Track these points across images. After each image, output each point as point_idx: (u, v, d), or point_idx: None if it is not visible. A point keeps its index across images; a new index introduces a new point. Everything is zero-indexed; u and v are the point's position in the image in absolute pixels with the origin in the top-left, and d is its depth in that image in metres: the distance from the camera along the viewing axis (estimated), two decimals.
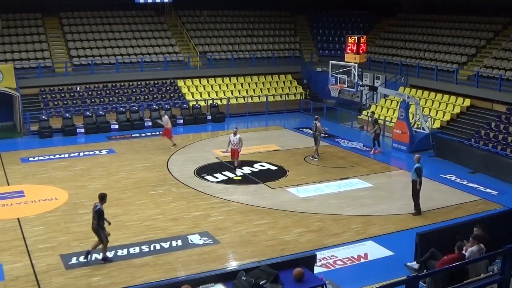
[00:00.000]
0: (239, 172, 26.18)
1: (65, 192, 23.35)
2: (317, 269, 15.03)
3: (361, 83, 34.48)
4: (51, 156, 29.25)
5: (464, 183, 25.03)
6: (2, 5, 41.08)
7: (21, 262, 17.09)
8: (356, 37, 31.30)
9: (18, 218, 20.68)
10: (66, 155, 29.37)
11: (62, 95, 38.43)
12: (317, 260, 15.47)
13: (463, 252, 13.63)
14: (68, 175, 25.87)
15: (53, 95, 38.27)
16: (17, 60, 39.20)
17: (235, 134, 26.25)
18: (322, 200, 22.69)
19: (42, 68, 38.98)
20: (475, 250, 13.57)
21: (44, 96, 38.12)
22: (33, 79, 38.13)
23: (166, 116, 30.93)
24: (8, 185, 24.90)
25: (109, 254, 17.31)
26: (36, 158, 28.91)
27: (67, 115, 35.31)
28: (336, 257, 17.42)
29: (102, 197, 17.20)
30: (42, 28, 42.66)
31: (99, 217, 16.75)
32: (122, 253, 17.60)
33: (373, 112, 30.60)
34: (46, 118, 34.65)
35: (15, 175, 26.22)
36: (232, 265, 17.09)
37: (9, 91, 35.05)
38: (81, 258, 17.09)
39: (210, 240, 18.66)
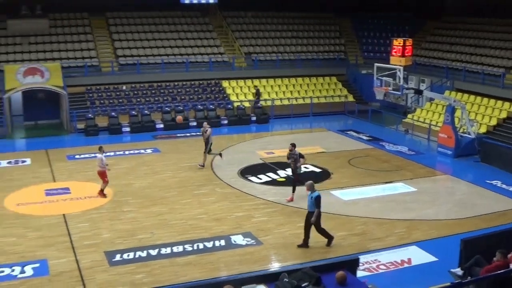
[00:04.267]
0: (282, 173, 26.14)
1: (110, 189, 23.59)
2: (359, 273, 14.89)
3: (406, 86, 34.10)
4: (97, 155, 29.54)
5: (510, 189, 24.53)
6: (50, 5, 41.79)
7: (66, 258, 17.32)
8: (402, 40, 31.02)
9: (63, 214, 21.00)
10: (112, 153, 29.69)
11: (108, 94, 38.91)
12: (360, 264, 15.33)
13: (507, 259, 13.38)
14: (113, 173, 26.07)
15: (99, 94, 38.76)
16: (64, 59, 39.80)
17: None
18: (365, 203, 22.51)
19: (88, 67, 39.52)
20: None
21: (90, 94, 38.64)
22: (79, 78, 38.67)
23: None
24: (55, 181, 25.32)
25: (153, 252, 17.46)
26: (82, 156, 29.31)
27: (113, 113, 35.74)
28: (379, 261, 17.25)
29: None
30: (88, 28, 43.26)
31: None
32: (166, 251, 17.70)
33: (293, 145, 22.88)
34: (92, 117, 35.13)
35: (62, 172, 26.63)
36: (275, 266, 17.05)
37: (56, 90, 35.64)
38: (124, 256, 17.26)
39: (253, 241, 18.65)
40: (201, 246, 18.20)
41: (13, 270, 16.52)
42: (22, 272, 16.44)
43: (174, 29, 44.89)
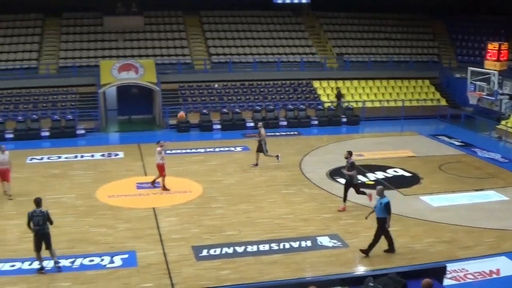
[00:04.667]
0: (372, 176, 25.74)
1: (200, 186, 23.87)
2: (446, 282, 14.47)
3: (501, 92, 33.05)
4: (188, 150, 30.07)
5: None
6: (145, 3, 42.72)
7: (154, 250, 17.60)
8: (497, 44, 30.05)
9: (153, 208, 21.37)
10: (202, 150, 30.05)
11: (200, 91, 39.40)
12: (447, 272, 14.88)
13: None
14: (203, 170, 26.44)
15: (192, 91, 39.30)
16: (158, 56, 40.61)
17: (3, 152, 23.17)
18: (455, 210, 21.81)
19: (182, 64, 40.14)
20: None
21: (183, 91, 39.23)
22: (173, 75, 39.33)
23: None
24: (146, 175, 25.81)
25: (239, 249, 17.52)
26: (173, 152, 29.76)
27: (205, 111, 36.17)
28: (467, 270, 16.63)
29: None
30: (182, 26, 43.99)
31: None
32: (252, 249, 17.70)
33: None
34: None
35: (153, 166, 26.99)
36: (360, 270, 16.77)
37: (150, 86, 36.40)
38: (211, 251, 17.38)
39: (340, 243, 18.40)
40: (287, 245, 18.10)
41: (102, 260, 16.93)
42: (111, 262, 16.82)
43: (266, 28, 45.06)
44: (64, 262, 16.76)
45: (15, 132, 34.09)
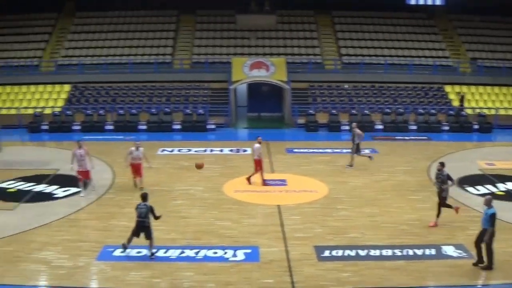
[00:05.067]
0: (502, 187, 24.68)
1: (325, 186, 23.80)
2: None
3: None
4: (315, 150, 30.08)
5: None
6: (278, 1, 43.11)
7: (277, 247, 17.68)
8: None
9: (278, 205, 21.50)
10: (329, 150, 29.97)
11: (330, 91, 39.30)
12: None
13: None
14: (329, 170, 26.34)
15: (321, 91, 39.28)
16: (289, 54, 40.91)
17: (137, 148, 23.54)
18: None
19: (312, 64, 40.19)
20: None
21: (312, 91, 39.30)
22: (303, 74, 39.51)
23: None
24: (273, 173, 26.03)
25: (362, 252, 17.31)
26: (301, 150, 29.88)
27: (334, 111, 36.05)
28: None
29: None
30: (314, 26, 44.08)
31: None
32: (375, 253, 17.42)
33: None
34: (313, 113, 35.73)
35: (280, 164, 27.33)
36: (481, 283, 16.12)
37: (280, 84, 36.70)
38: (333, 252, 17.27)
39: (465, 254, 17.70)
40: (410, 252, 17.66)
41: (225, 253, 17.22)
42: (234, 255, 17.06)
43: (398, 30, 44.35)
44: (188, 252, 17.24)
45: (148, 124, 35.47)
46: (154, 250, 17.18)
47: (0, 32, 45.18)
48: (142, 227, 17.03)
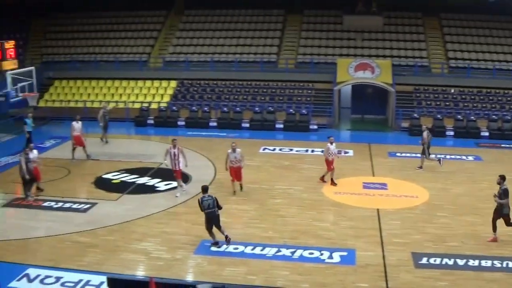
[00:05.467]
0: None
1: (426, 192, 23.44)
2: None
3: None
4: (418, 154, 29.52)
5: None
6: (385, 3, 42.66)
7: (374, 252, 17.63)
8: None
9: (377, 209, 21.39)
10: (432, 155, 29.33)
11: (436, 95, 38.56)
12: None
13: None
14: (431, 176, 25.90)
15: (427, 95, 38.60)
16: (395, 57, 40.42)
17: (233, 150, 22.92)
18: None
19: (418, 67, 39.57)
20: None
21: (417, 94, 38.68)
22: (408, 77, 38.94)
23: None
24: (373, 176, 25.92)
25: (460, 262, 16.97)
26: (403, 154, 29.54)
27: (438, 116, 35.36)
28: None
29: None
30: (421, 28, 43.33)
31: None
32: (473, 263, 16.97)
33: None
34: (417, 117, 35.17)
35: (381, 167, 27.12)
36: None
37: (385, 86, 36.37)
38: (430, 260, 17.01)
39: None
40: (510, 265, 17.18)
41: (321, 254, 17.32)
42: (330, 257, 17.15)
43: (508, 34, 42.67)
44: (284, 251, 17.48)
45: (251, 122, 35.93)
46: (226, 233, 17.91)
47: (112, 28, 47.08)
48: (213, 217, 17.64)
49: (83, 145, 28.08)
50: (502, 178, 18.71)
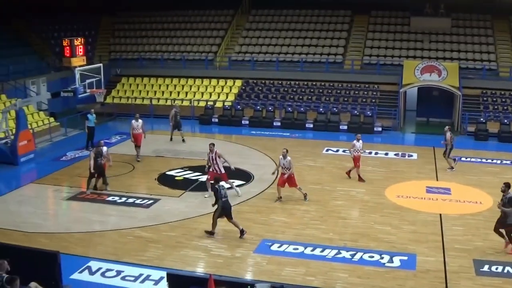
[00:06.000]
0: None
1: (490, 198, 22.96)
2: None
3: None
4: (483, 160, 29.09)
5: None
6: (454, 5, 41.95)
7: (434, 257, 17.43)
8: None
9: (440, 214, 21.11)
10: (498, 161, 28.85)
11: (503, 100, 37.72)
12: None
13: None
14: (496, 182, 25.17)
15: (494, 99, 37.81)
16: (462, 59, 39.74)
17: (284, 156, 22.10)
18: None
19: (486, 70, 38.80)
20: None
21: (485, 98, 37.93)
22: (476, 80, 38.19)
23: None
24: (437, 180, 25.57)
25: (502, 269, 16.66)
26: (468, 159, 29.01)
27: (506, 121, 34.58)
28: None
29: None
30: (490, 30, 42.41)
31: None
32: None
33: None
34: (484, 121, 34.49)
35: (445, 172, 26.72)
36: None
37: (451, 89, 35.78)
38: (492, 268, 16.73)
39: None
40: None
41: (382, 258, 17.25)
42: (390, 261, 17.06)
43: None
44: (344, 254, 17.51)
45: (315, 122, 35.89)
46: (242, 227, 18.60)
47: (179, 27, 47.77)
48: (228, 207, 18.48)
49: (139, 144, 28.27)
50: (507, 185, 17.97)
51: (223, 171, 22.39)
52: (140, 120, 28.35)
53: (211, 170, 22.46)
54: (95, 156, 22.82)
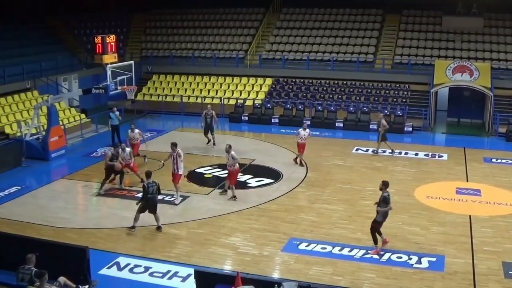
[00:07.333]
0: None
1: None
2: None
3: None
4: None
5: None
6: (486, 4, 41.51)
7: (463, 259, 17.32)
8: None
9: (469, 216, 20.95)
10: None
11: None
12: None
13: None
14: None
15: None
16: (494, 60, 39.30)
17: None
18: None
19: None
20: None
21: None
22: (508, 80, 37.76)
23: None
24: (467, 181, 25.35)
25: None
26: (499, 160, 28.70)
27: None
28: None
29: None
30: None
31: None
32: None
33: None
34: None
35: (475, 173, 26.50)
36: None
37: (483, 90, 35.41)
38: None
39: None
40: None
41: (410, 259, 17.20)
42: (418, 262, 17.00)
43: None
44: (372, 254, 17.41)
45: (345, 121, 35.78)
46: (161, 224, 19.00)
47: (210, 25, 47.98)
48: (153, 203, 18.94)
49: (136, 154, 26.90)
50: (384, 184, 17.98)
51: (180, 172, 22.34)
52: (136, 130, 27.55)
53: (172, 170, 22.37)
54: (111, 158, 23.11)
